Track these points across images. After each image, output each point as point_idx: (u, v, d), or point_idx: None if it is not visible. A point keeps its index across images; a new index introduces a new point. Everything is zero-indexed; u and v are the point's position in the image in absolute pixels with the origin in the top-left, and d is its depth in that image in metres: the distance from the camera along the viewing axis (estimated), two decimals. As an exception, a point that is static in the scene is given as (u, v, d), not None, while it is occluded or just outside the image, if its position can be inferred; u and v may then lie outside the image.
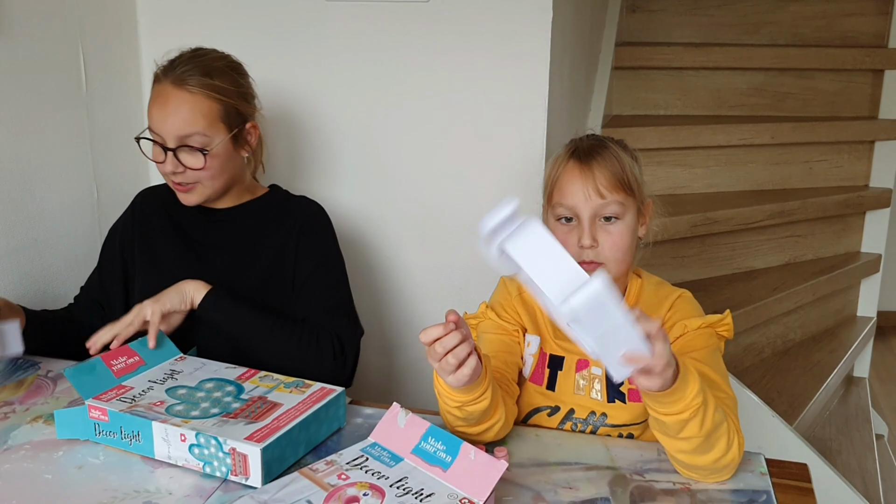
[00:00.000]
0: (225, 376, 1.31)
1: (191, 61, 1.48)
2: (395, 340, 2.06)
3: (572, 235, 1.31)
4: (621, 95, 2.95)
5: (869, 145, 3.05)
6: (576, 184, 1.30)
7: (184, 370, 1.34)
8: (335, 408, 1.24)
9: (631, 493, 1.13)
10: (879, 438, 3.01)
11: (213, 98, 1.47)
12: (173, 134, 1.46)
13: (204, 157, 1.47)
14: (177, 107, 1.45)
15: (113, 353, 1.33)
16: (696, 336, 1.31)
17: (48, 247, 1.77)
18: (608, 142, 1.36)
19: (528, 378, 1.39)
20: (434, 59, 1.83)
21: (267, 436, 1.10)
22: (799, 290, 2.76)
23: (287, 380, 1.29)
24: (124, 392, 1.25)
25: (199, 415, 1.18)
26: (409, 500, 1.01)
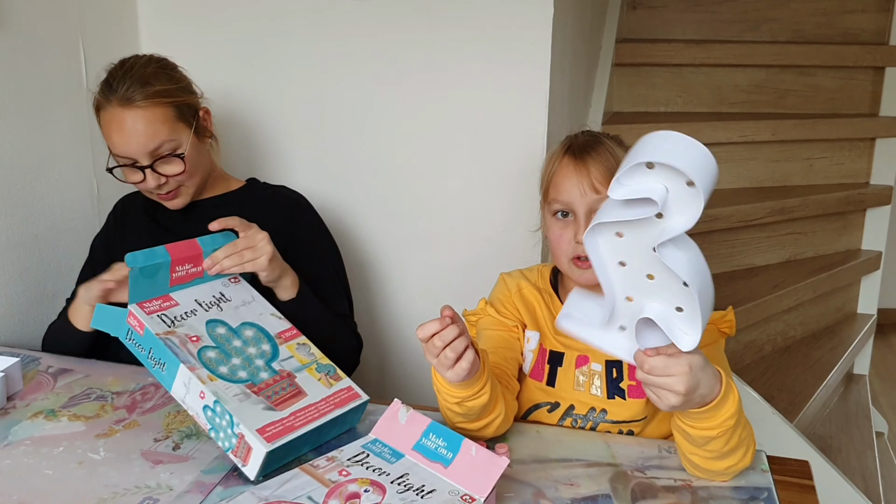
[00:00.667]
0: (267, 327, 1.31)
1: (126, 77, 1.46)
2: (391, 337, 2.06)
3: (568, 231, 1.31)
4: (622, 92, 2.94)
5: (870, 142, 3.05)
6: (571, 179, 1.30)
7: (232, 299, 1.34)
8: (354, 414, 1.24)
9: (632, 489, 1.13)
10: (879, 436, 3.01)
11: (163, 104, 1.47)
12: (143, 151, 1.46)
13: (183, 161, 1.49)
14: (133, 125, 1.45)
15: (184, 255, 1.31)
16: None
17: (48, 242, 1.76)
18: (603, 137, 1.36)
19: (528, 374, 1.39)
20: (435, 56, 1.83)
21: (279, 435, 1.10)
22: (799, 288, 2.76)
23: (322, 360, 1.29)
24: (169, 307, 1.26)
25: (227, 373, 1.18)
26: (411, 496, 1.01)
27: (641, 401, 1.32)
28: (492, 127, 1.84)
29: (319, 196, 1.84)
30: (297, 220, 1.63)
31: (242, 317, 1.31)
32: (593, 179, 1.29)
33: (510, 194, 1.86)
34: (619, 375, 1.34)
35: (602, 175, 1.29)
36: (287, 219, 1.61)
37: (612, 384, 1.34)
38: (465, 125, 1.86)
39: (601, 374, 1.34)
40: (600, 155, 1.31)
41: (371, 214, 1.97)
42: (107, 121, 1.47)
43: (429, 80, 1.85)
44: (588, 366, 1.35)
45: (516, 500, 1.10)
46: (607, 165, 1.29)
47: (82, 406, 1.33)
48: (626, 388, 1.33)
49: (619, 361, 1.34)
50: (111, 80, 1.47)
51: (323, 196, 1.94)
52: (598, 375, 1.34)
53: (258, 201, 1.64)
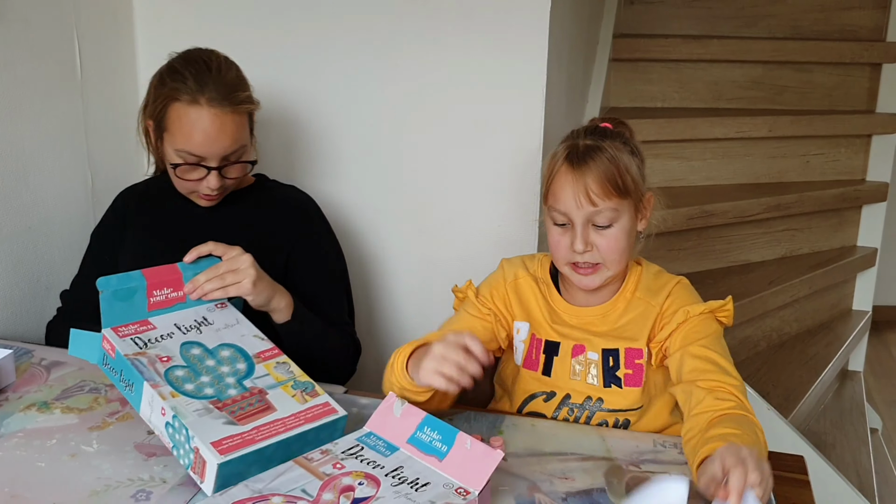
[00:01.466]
0: (246, 347, 1.26)
1: (218, 80, 1.45)
2: (387, 330, 2.06)
3: (566, 238, 1.31)
4: (619, 87, 2.94)
5: (866, 139, 3.05)
6: (567, 190, 1.29)
7: (214, 322, 1.30)
8: (331, 429, 1.16)
9: (627, 483, 1.13)
10: (874, 432, 3.02)
11: (244, 112, 1.49)
12: (220, 154, 1.46)
13: (250, 167, 1.52)
14: (221, 128, 1.44)
15: (162, 279, 1.28)
16: (699, 321, 1.31)
17: (42, 234, 1.76)
18: (605, 144, 1.31)
19: (520, 365, 1.39)
20: (431, 49, 1.82)
21: (235, 448, 1.05)
22: (795, 284, 2.76)
23: (300, 377, 1.23)
24: (145, 330, 1.23)
25: (192, 390, 1.14)
26: (405, 489, 1.01)
27: (637, 389, 1.33)
28: (488, 121, 1.84)
29: (316, 190, 1.84)
30: (304, 225, 1.62)
31: (222, 338, 1.27)
32: (590, 192, 1.27)
33: (507, 188, 1.86)
34: (615, 364, 1.34)
35: (599, 187, 1.27)
36: (295, 222, 1.61)
37: (608, 373, 1.34)
38: (462, 119, 1.85)
39: (598, 363, 1.35)
40: (600, 164, 1.28)
41: (367, 208, 1.97)
42: (188, 117, 1.44)
43: (425, 73, 1.84)
44: (584, 355, 1.36)
45: (511, 494, 1.10)
46: (606, 175, 1.28)
47: (75, 398, 1.33)
48: (622, 376, 1.34)
49: (615, 350, 1.34)
50: (199, 78, 1.44)
51: (319, 190, 1.94)
52: (595, 364, 1.35)
53: (267, 201, 1.63)
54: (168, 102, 1.46)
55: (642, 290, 1.38)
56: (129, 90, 1.98)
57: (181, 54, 1.51)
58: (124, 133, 1.94)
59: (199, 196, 1.53)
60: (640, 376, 1.34)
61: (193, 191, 1.52)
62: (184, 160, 1.47)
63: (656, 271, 1.41)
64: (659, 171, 2.76)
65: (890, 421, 3.22)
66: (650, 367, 1.35)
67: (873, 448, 2.77)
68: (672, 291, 1.36)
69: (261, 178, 1.68)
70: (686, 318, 1.31)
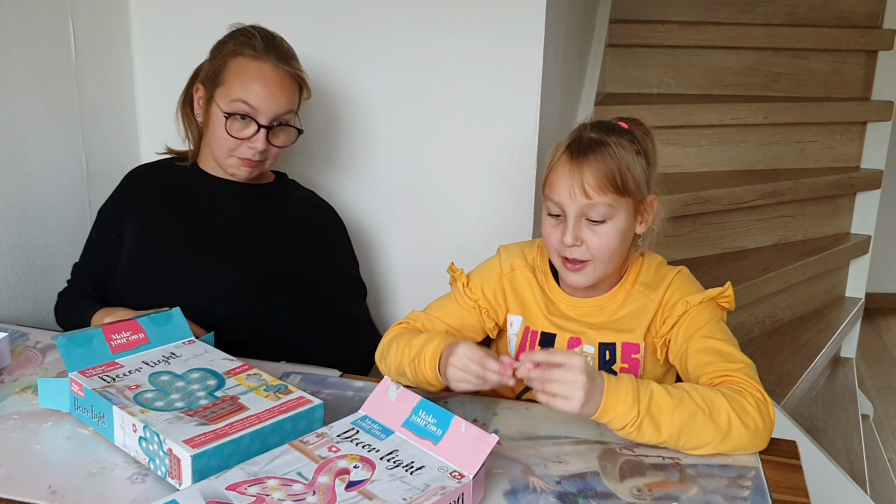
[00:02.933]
0: (215, 368, 1.26)
1: (280, 45, 1.54)
2: (381, 316, 2.06)
3: (558, 230, 1.30)
4: (615, 73, 2.94)
5: (861, 126, 3.05)
6: (563, 181, 1.28)
7: (182, 355, 1.30)
8: (307, 420, 1.15)
9: (620, 467, 1.14)
10: (865, 418, 3.04)
11: (298, 81, 1.55)
12: (273, 112, 1.49)
13: (297, 134, 1.55)
14: (280, 84, 1.50)
15: (118, 326, 1.29)
16: (698, 311, 1.31)
17: (37, 218, 1.75)
18: (610, 138, 1.28)
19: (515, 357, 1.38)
20: (427, 34, 1.82)
21: (207, 442, 1.04)
22: (788, 271, 2.77)
23: (272, 381, 1.22)
24: (112, 370, 1.23)
25: (162, 406, 1.13)
26: (400, 472, 1.01)
27: None
28: (484, 106, 1.83)
29: (309, 177, 1.84)
30: (331, 230, 1.68)
31: (191, 365, 1.27)
32: (585, 184, 1.26)
33: (502, 174, 1.86)
34: (612, 358, 1.34)
35: (596, 180, 1.25)
36: (321, 226, 1.66)
37: (604, 366, 1.35)
38: (457, 104, 1.85)
39: (593, 357, 1.35)
40: (599, 159, 1.26)
41: (361, 193, 1.97)
42: (252, 70, 1.49)
43: (420, 58, 1.84)
44: (580, 347, 1.36)
45: (505, 477, 1.11)
46: (604, 170, 1.25)
47: (71, 381, 1.33)
48: (618, 370, 1.34)
49: (612, 344, 1.35)
50: (266, 40, 1.52)
51: (313, 176, 1.94)
52: (591, 358, 1.35)
53: (289, 200, 1.65)
54: (229, 58, 1.51)
55: (642, 283, 1.36)
56: (124, 73, 1.98)
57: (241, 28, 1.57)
58: (119, 116, 1.94)
59: (239, 160, 1.54)
60: (636, 371, 1.34)
61: (234, 153, 1.53)
62: (237, 111, 1.49)
63: (658, 263, 1.40)
64: (654, 157, 2.76)
65: (881, 407, 3.24)
66: (655, 361, 1.35)
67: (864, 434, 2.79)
68: (672, 283, 1.35)
69: (281, 175, 1.69)
70: (686, 309, 1.31)
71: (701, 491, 1.09)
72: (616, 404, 1.12)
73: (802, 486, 1.12)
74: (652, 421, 1.13)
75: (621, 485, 1.10)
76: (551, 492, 1.08)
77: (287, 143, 1.56)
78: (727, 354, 1.25)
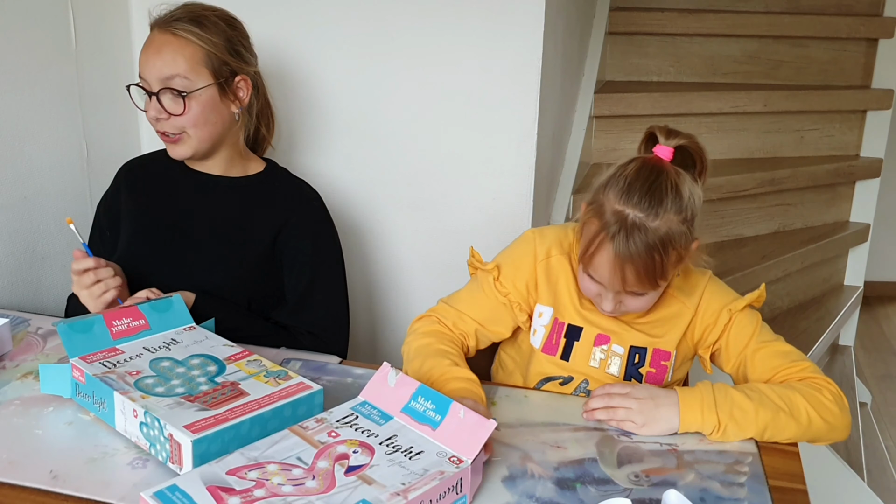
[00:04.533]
0: (216, 354, 1.27)
1: (182, 9, 1.50)
2: (381, 303, 2.06)
3: (596, 288, 1.29)
4: (615, 61, 2.93)
5: (861, 115, 3.05)
6: (605, 269, 1.24)
7: (183, 341, 1.30)
8: (307, 406, 1.16)
9: (618, 453, 1.15)
10: (863, 406, 3.05)
11: (197, 44, 1.47)
12: (156, 76, 1.46)
13: (183, 101, 1.46)
14: (159, 48, 1.46)
15: (119, 312, 1.29)
16: (742, 317, 1.33)
17: (37, 205, 1.76)
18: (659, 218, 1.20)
19: (539, 349, 1.38)
20: (427, 22, 1.82)
21: (207, 427, 1.05)
22: (787, 259, 2.77)
23: (272, 367, 1.23)
24: (112, 356, 1.23)
25: (163, 392, 1.14)
26: (399, 457, 1.02)
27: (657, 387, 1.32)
28: (484, 94, 1.83)
29: (309, 165, 1.84)
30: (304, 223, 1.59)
31: (191, 351, 1.28)
32: (626, 281, 1.23)
33: (502, 161, 1.86)
34: (640, 361, 1.35)
35: (637, 280, 1.22)
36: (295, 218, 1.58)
37: (631, 367, 1.35)
38: (458, 92, 1.85)
39: (622, 357, 1.35)
40: (643, 259, 1.20)
41: (362, 181, 1.97)
42: (146, 41, 1.49)
43: (421, 46, 1.84)
44: (609, 345, 1.35)
45: (503, 463, 1.11)
46: (646, 272, 1.21)
47: (72, 367, 1.33)
48: (644, 373, 1.34)
49: (643, 348, 1.35)
50: (171, 10, 1.50)
51: (313, 165, 1.94)
52: (619, 357, 1.35)
53: (277, 191, 1.61)
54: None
55: (676, 287, 1.35)
56: (124, 60, 1.97)
57: None
58: (120, 103, 1.93)
59: (160, 136, 1.52)
60: (661, 376, 1.35)
61: (154, 127, 1.52)
62: (139, 84, 1.49)
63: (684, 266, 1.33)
64: (654, 145, 2.76)
65: (879, 395, 3.25)
66: (682, 367, 1.38)
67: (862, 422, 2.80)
68: (705, 290, 1.36)
69: (271, 164, 1.66)
70: (730, 317, 1.33)
71: (698, 477, 1.10)
72: (693, 417, 1.17)
73: (799, 472, 1.13)
74: (736, 425, 1.17)
75: (619, 471, 1.11)
76: (549, 478, 1.09)
77: (181, 111, 1.47)
78: (789, 354, 1.29)
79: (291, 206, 1.59)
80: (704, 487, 1.08)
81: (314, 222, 1.60)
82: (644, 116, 2.69)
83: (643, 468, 1.11)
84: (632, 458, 1.14)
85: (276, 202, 1.59)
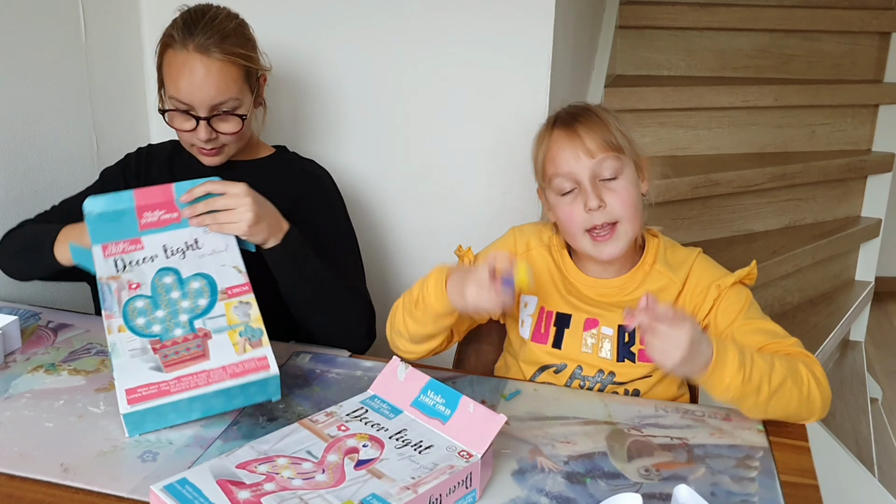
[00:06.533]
0: (219, 279, 1.25)
1: (208, 26, 1.43)
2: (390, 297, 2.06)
3: (577, 204, 1.29)
4: (625, 55, 2.92)
5: (873, 109, 3.03)
6: (564, 150, 1.29)
7: (203, 246, 1.29)
8: (259, 388, 1.17)
9: (628, 447, 1.14)
10: (873, 402, 3.04)
11: (237, 63, 1.45)
12: (207, 104, 1.43)
13: (241, 122, 1.47)
14: (206, 76, 1.42)
15: (154, 201, 1.28)
16: (732, 293, 1.32)
17: (47, 198, 1.75)
18: (588, 105, 1.36)
19: (528, 339, 1.39)
20: (436, 15, 1.81)
21: (146, 398, 1.12)
22: (798, 254, 2.76)
23: (254, 323, 1.21)
24: (133, 250, 1.26)
25: (141, 325, 1.19)
26: (409, 451, 1.02)
27: (651, 364, 1.32)
28: (493, 87, 1.83)
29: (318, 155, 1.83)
30: (314, 192, 1.60)
31: (201, 267, 1.26)
32: (587, 144, 1.28)
33: (511, 155, 1.86)
34: (630, 339, 1.34)
35: (595, 140, 1.28)
36: (306, 193, 1.59)
37: (622, 348, 1.34)
38: (467, 85, 1.84)
39: (612, 338, 1.34)
40: (588, 120, 1.31)
41: (369, 174, 1.97)
42: (177, 63, 1.42)
43: (429, 38, 1.83)
44: (598, 329, 1.35)
45: (513, 457, 1.11)
46: (598, 129, 1.29)
47: (82, 361, 1.34)
48: (636, 351, 1.34)
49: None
50: (190, 24, 1.43)
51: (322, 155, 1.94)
52: (609, 339, 1.34)
53: (286, 173, 1.61)
54: (163, 52, 1.47)
55: (661, 262, 1.36)
56: (133, 53, 1.98)
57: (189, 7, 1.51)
58: (129, 96, 1.94)
59: (199, 151, 1.51)
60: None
61: (192, 144, 1.50)
62: (174, 107, 1.45)
63: (671, 244, 1.40)
64: (664, 139, 2.75)
65: (890, 391, 3.24)
66: None
67: (873, 417, 2.79)
68: (694, 266, 1.36)
69: (281, 149, 1.67)
70: (719, 292, 1.32)
71: (709, 471, 1.09)
72: (724, 374, 1.12)
73: (810, 467, 1.12)
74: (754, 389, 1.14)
75: (629, 465, 1.10)
76: (559, 472, 1.08)
77: (237, 130, 1.47)
78: (775, 332, 1.28)
79: (303, 181, 1.60)
80: (715, 482, 1.07)
81: (327, 194, 1.62)
82: (654, 111, 2.68)
83: (653, 462, 1.11)
84: (642, 452, 1.13)
85: (289, 179, 1.59)
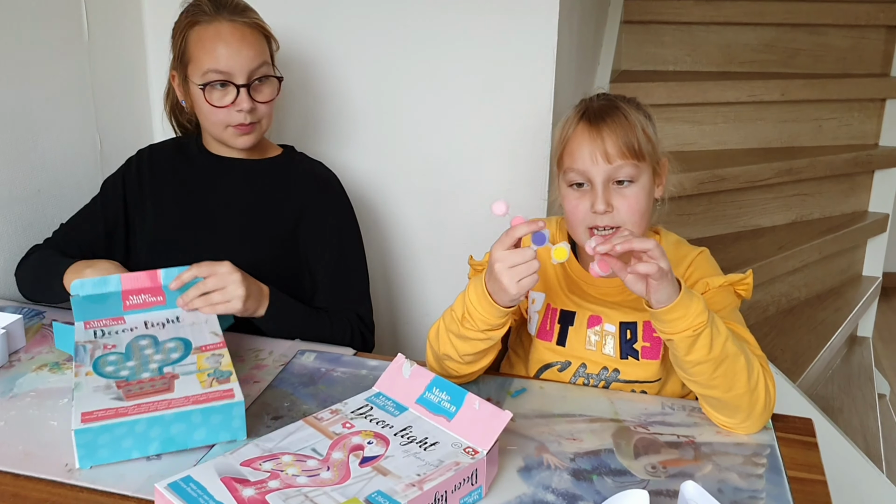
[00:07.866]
0: (193, 340, 1.25)
1: (231, 3, 1.49)
2: (399, 295, 2.06)
3: (584, 200, 1.28)
4: (630, 50, 2.91)
5: (880, 103, 3.01)
6: (584, 147, 1.27)
7: (183, 321, 1.30)
8: (223, 415, 1.10)
9: (635, 445, 1.14)
10: (881, 398, 3.02)
11: (263, 27, 1.51)
12: (246, 68, 1.46)
13: (279, 84, 1.51)
14: (242, 40, 1.46)
15: (141, 288, 1.31)
16: (717, 293, 1.30)
17: (51, 197, 1.76)
18: (619, 102, 1.31)
19: (534, 335, 1.39)
20: (441, 11, 1.80)
21: (100, 419, 1.04)
22: (805, 249, 2.75)
23: (225, 367, 1.17)
24: (112, 325, 1.27)
25: (110, 372, 1.15)
26: (414, 448, 1.01)
27: (655, 362, 1.31)
28: (499, 84, 1.82)
29: (323, 154, 1.83)
30: (322, 199, 1.60)
31: (178, 333, 1.27)
32: (608, 148, 1.25)
33: (516, 152, 1.85)
34: (633, 337, 1.33)
35: (616, 147, 1.25)
36: (313, 195, 1.59)
37: (625, 345, 1.34)
38: (472, 82, 1.84)
39: (615, 335, 1.34)
40: (616, 123, 1.26)
41: (374, 172, 1.96)
42: (209, 35, 1.45)
43: (434, 34, 1.83)
44: (601, 326, 1.35)
45: (519, 454, 1.11)
46: (623, 135, 1.25)
47: (87, 359, 1.33)
48: (639, 349, 1.33)
49: (633, 323, 1.34)
50: (215, 2, 1.48)
51: (327, 154, 1.94)
52: (612, 336, 1.34)
53: (293, 174, 1.61)
54: (187, 31, 1.48)
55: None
56: (136, 52, 1.97)
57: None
58: (132, 95, 1.94)
59: (234, 129, 1.50)
60: (657, 349, 1.33)
61: (228, 124, 1.49)
62: (212, 80, 1.46)
63: (675, 241, 1.39)
64: (670, 134, 2.75)
65: (898, 386, 3.23)
66: None
67: (881, 413, 2.78)
68: (694, 262, 1.35)
69: (288, 149, 1.67)
70: (706, 289, 1.30)
71: (716, 468, 1.09)
72: (690, 305, 1.10)
73: (818, 463, 1.12)
74: (709, 336, 1.10)
75: (636, 462, 1.10)
76: (565, 469, 1.08)
77: (273, 97, 1.51)
78: (748, 341, 1.24)
79: (312, 185, 1.60)
80: (722, 479, 1.07)
81: (336, 199, 1.62)
82: (660, 106, 2.67)
83: (660, 459, 1.10)
84: (649, 449, 1.13)
85: (297, 184, 1.59)
